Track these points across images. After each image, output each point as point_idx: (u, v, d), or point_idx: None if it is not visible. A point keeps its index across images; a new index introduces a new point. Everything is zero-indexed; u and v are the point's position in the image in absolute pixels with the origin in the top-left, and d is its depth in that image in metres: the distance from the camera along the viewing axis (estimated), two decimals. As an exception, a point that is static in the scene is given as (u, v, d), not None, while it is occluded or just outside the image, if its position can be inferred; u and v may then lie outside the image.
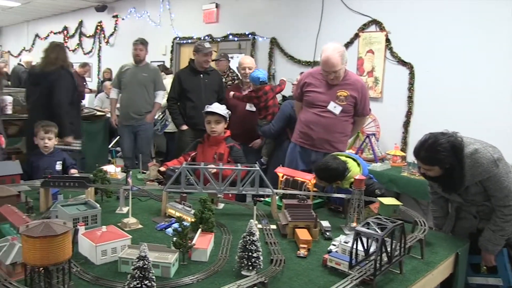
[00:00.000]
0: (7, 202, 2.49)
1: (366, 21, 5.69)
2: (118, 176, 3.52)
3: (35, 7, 12.65)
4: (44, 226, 1.67)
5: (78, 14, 12.82)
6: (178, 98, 5.30)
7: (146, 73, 6.06)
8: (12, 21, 16.72)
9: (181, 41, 8.85)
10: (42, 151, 3.87)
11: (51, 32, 14.26)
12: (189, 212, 2.65)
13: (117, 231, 2.29)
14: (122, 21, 10.80)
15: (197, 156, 3.83)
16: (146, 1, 9.82)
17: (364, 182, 2.71)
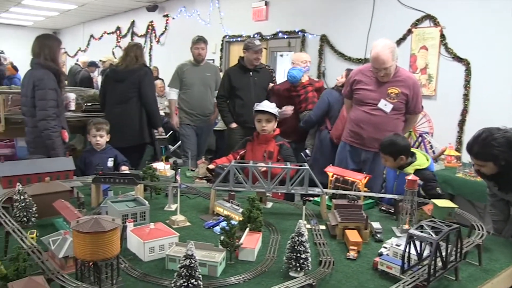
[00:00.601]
0: (60, 197, 2.56)
1: (420, 16, 5.50)
2: (167, 174, 3.56)
3: (90, 8, 13.09)
4: (93, 222, 1.70)
5: (130, 14, 13.15)
6: (227, 96, 5.31)
7: (209, 73, 5.89)
8: (69, 23, 17.39)
9: (230, 39, 8.88)
10: (94, 148, 3.98)
11: (104, 33, 14.72)
12: (237, 211, 2.64)
13: (165, 228, 2.31)
14: (172, 20, 10.98)
15: (246, 154, 3.83)
16: (196, 0, 9.94)
17: (417, 183, 2.61)
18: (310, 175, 2.78)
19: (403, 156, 3.20)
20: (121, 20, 13.68)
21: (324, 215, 2.84)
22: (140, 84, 5.00)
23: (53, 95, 3.97)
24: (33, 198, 2.41)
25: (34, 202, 2.39)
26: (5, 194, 2.60)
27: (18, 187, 2.37)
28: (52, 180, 2.82)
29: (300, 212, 2.61)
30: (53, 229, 2.44)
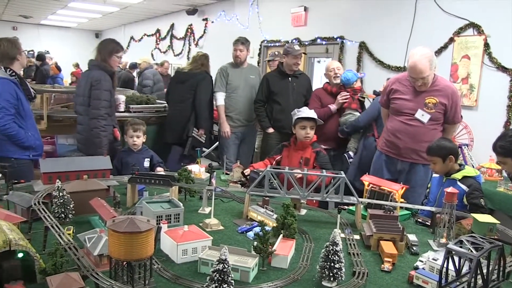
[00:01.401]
0: (97, 195, 2.60)
1: (463, 25, 5.36)
2: (202, 176, 3.58)
3: (131, 11, 13.38)
4: (129, 222, 1.71)
5: (170, 17, 13.37)
6: (265, 100, 5.31)
7: (253, 75, 5.74)
8: (111, 25, 17.85)
9: (268, 44, 8.89)
10: (131, 148, 4.04)
11: (144, 35, 15.02)
12: (271, 217, 2.62)
13: (198, 231, 2.31)
14: (211, 24, 11.09)
15: (282, 159, 3.81)
16: (235, 4, 10.00)
17: (456, 196, 2.53)
18: (345, 184, 2.74)
19: (451, 157, 3.17)
20: (161, 23, 13.92)
21: (358, 225, 2.79)
22: (197, 87, 5.46)
23: (107, 96, 4.24)
24: (71, 195, 2.46)
25: (72, 199, 2.44)
26: (45, 190, 2.66)
27: (58, 184, 2.42)
28: (90, 178, 2.88)
29: (334, 221, 2.57)
30: (88, 226, 2.49)
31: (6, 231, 1.87)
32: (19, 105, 3.71)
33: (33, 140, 3.78)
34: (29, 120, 3.82)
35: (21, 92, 3.74)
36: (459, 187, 3.05)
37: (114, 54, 4.38)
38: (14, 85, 3.70)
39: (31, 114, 3.89)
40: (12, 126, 3.63)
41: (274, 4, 8.79)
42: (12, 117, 3.64)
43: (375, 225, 2.52)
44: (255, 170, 3.42)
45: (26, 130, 3.75)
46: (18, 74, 3.80)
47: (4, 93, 3.61)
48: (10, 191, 2.80)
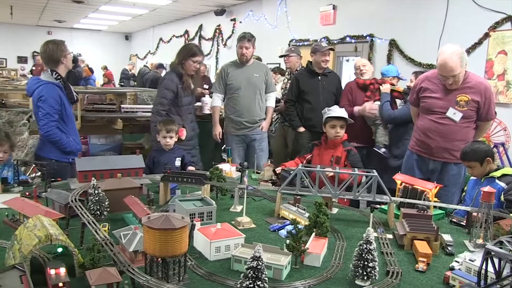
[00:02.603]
0: (131, 193, 2.64)
1: (499, 19, 5.24)
2: (233, 175, 3.60)
3: (160, 13, 13.56)
4: (164, 219, 1.74)
5: (198, 18, 13.48)
6: (295, 100, 5.27)
7: (257, 73, 5.24)
8: (140, 27, 18.13)
9: (297, 43, 8.87)
10: (163, 147, 4.09)
11: (173, 36, 15.20)
12: (303, 215, 2.62)
13: (231, 229, 2.33)
14: (239, 24, 11.14)
15: (313, 158, 3.80)
16: (263, 4, 10.01)
17: (493, 196, 2.47)
18: (378, 182, 2.71)
19: (489, 158, 3.13)
20: (189, 24, 14.06)
21: (391, 224, 2.76)
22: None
23: (167, 94, 4.51)
24: (105, 192, 2.51)
25: (107, 197, 2.49)
26: (81, 188, 2.72)
27: (93, 182, 2.48)
28: (123, 177, 2.93)
29: (366, 220, 2.55)
30: (123, 223, 2.54)
31: (47, 226, 1.92)
32: (63, 110, 3.79)
33: (74, 145, 3.89)
34: (70, 125, 3.92)
35: (64, 96, 3.82)
36: (497, 185, 2.99)
37: (190, 58, 4.58)
38: (59, 89, 3.78)
39: (73, 118, 3.98)
40: (55, 132, 3.73)
41: (302, 3, 8.76)
42: (56, 123, 3.73)
43: (408, 225, 2.48)
44: (286, 169, 3.42)
45: (68, 135, 3.85)
46: (63, 77, 3.85)
47: (49, 99, 3.68)
48: (49, 188, 2.89)
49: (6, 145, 3.46)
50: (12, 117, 5.50)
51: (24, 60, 19.40)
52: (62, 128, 3.80)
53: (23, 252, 1.83)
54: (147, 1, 11.56)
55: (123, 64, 16.51)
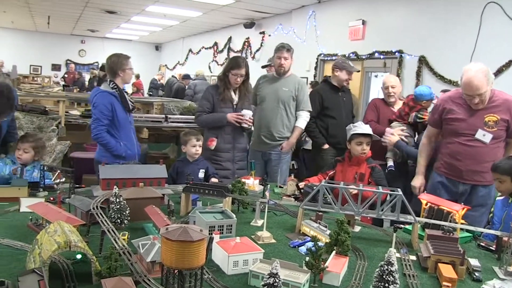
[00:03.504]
0: (152, 203, 2.65)
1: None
2: (256, 188, 3.57)
3: (190, 25, 13.75)
4: (182, 231, 1.72)
5: (227, 30, 13.61)
6: (317, 116, 5.16)
7: (286, 87, 4.92)
8: (170, 38, 18.43)
9: (325, 57, 8.85)
10: (188, 158, 4.10)
11: (202, 47, 15.37)
12: (324, 232, 2.57)
13: (250, 243, 2.30)
14: (268, 37, 11.19)
15: (335, 175, 3.75)
16: (293, 18, 10.04)
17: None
18: (402, 201, 2.65)
19: None
20: (218, 36, 14.19)
21: (415, 245, 2.68)
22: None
23: (204, 103, 4.53)
24: (127, 201, 2.52)
25: (128, 205, 2.49)
26: (103, 195, 2.74)
27: (115, 190, 2.49)
28: (146, 186, 2.93)
29: (389, 239, 2.48)
30: (142, 233, 2.54)
31: (67, 233, 1.94)
32: (114, 116, 4.06)
33: (124, 150, 4.12)
34: (123, 131, 4.16)
35: (119, 104, 4.10)
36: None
37: (231, 71, 4.46)
38: (114, 97, 4.07)
39: (126, 125, 4.21)
40: (104, 135, 4.02)
41: (331, 18, 8.75)
42: (105, 127, 4.02)
43: (433, 246, 2.41)
44: (309, 184, 3.38)
45: (119, 140, 4.11)
46: (119, 88, 4.15)
47: (100, 105, 4.01)
48: (72, 194, 2.92)
49: (28, 145, 3.54)
50: (43, 123, 5.63)
51: (58, 68, 19.92)
52: (113, 133, 4.10)
53: (42, 257, 1.84)
54: (177, 13, 11.74)
55: (152, 74, 16.80)
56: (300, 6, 9.64)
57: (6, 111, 3.39)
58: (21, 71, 16.44)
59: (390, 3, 7.38)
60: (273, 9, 10.41)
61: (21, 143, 3.53)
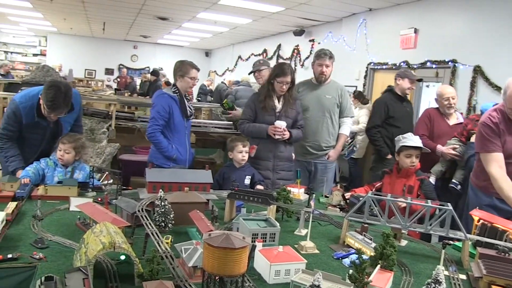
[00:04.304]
0: (196, 208, 2.66)
1: None
2: (301, 197, 3.53)
3: (240, 31, 13.87)
4: (224, 238, 1.71)
5: (277, 37, 13.63)
6: (381, 125, 5.07)
7: (330, 95, 4.79)
8: (220, 44, 18.65)
9: (375, 66, 8.69)
10: (235, 164, 4.10)
11: (252, 54, 15.46)
12: (369, 245, 2.50)
13: (293, 252, 2.26)
14: (318, 45, 11.11)
15: (383, 186, 3.66)
16: (343, 26, 9.94)
17: None
18: (452, 217, 2.53)
19: None
20: (268, 43, 14.24)
21: (465, 264, 2.56)
22: None
23: (246, 111, 4.53)
24: (172, 205, 2.54)
25: (173, 209, 2.52)
26: (149, 198, 2.78)
27: (160, 193, 2.52)
28: (191, 191, 2.96)
29: (437, 256, 2.38)
30: (186, 237, 2.55)
31: (112, 234, 1.97)
32: (171, 119, 4.16)
33: (175, 152, 4.19)
34: (177, 135, 4.25)
35: (177, 108, 4.20)
36: None
37: (276, 78, 4.31)
38: (173, 101, 4.18)
39: (182, 129, 4.29)
40: (157, 135, 4.12)
41: (383, 26, 8.60)
42: (159, 127, 4.13)
43: (485, 267, 2.28)
44: (355, 195, 3.31)
45: (171, 142, 4.20)
46: (180, 93, 4.25)
47: (158, 106, 4.14)
48: (119, 196, 2.98)
49: (69, 146, 3.55)
50: (94, 125, 5.81)
51: (111, 72, 20.57)
52: (167, 135, 4.20)
53: (88, 256, 1.88)
54: (228, 20, 11.86)
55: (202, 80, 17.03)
56: (351, 14, 9.53)
57: (61, 107, 3.45)
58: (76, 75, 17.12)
59: (444, 11, 7.16)
60: (323, 17, 10.34)
61: (62, 144, 3.55)
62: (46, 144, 3.77)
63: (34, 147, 3.72)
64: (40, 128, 3.65)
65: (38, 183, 3.41)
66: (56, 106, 3.41)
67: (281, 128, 4.25)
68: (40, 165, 3.52)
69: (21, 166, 3.53)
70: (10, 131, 3.60)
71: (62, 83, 3.53)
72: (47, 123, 3.63)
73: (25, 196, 3.02)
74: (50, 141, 3.76)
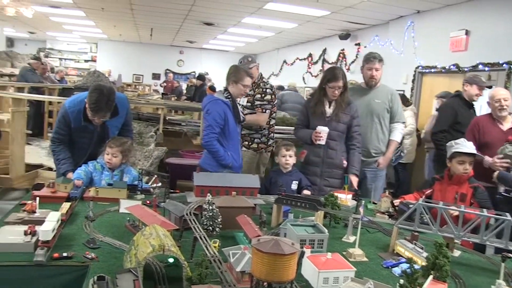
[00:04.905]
0: (243, 212, 2.65)
1: None
2: (348, 203, 3.47)
3: (285, 36, 13.87)
4: (273, 243, 1.69)
5: (322, 42, 13.54)
6: (447, 130, 4.95)
7: (379, 99, 4.62)
8: (265, 49, 18.71)
9: (423, 70, 8.47)
10: (282, 169, 4.08)
11: (296, 59, 15.42)
12: (420, 254, 2.42)
13: (342, 260, 2.22)
14: (364, 48, 10.96)
15: (433, 194, 3.54)
16: (390, 29, 9.76)
17: None
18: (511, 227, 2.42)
19: None
20: (313, 47, 14.16)
21: (526, 278, 2.43)
22: None
23: (300, 116, 4.49)
24: (219, 209, 2.54)
25: (220, 213, 2.52)
26: (197, 202, 2.80)
27: (208, 197, 2.53)
28: (238, 195, 2.96)
29: (495, 268, 2.28)
30: (233, 241, 2.55)
31: (162, 237, 2.00)
32: (226, 126, 4.06)
33: (231, 160, 4.09)
34: (231, 141, 4.15)
35: (231, 113, 4.11)
36: None
37: (328, 83, 4.18)
38: (226, 106, 4.09)
39: (235, 136, 4.21)
40: (214, 143, 4.01)
41: (431, 28, 8.37)
42: (216, 135, 4.02)
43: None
44: (404, 202, 3.22)
45: (226, 149, 4.09)
46: (233, 98, 4.16)
47: (213, 113, 4.01)
48: (167, 199, 3.02)
49: (116, 149, 3.59)
50: (142, 129, 5.94)
51: (157, 77, 21.02)
52: (222, 142, 4.08)
53: (138, 258, 1.91)
54: (273, 24, 11.89)
55: (246, 84, 17.11)
56: (398, 16, 9.34)
57: (103, 110, 3.50)
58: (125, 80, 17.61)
59: (496, 11, 6.89)
60: (370, 20, 10.19)
61: (109, 148, 3.60)
62: (93, 148, 3.85)
63: (83, 150, 3.81)
64: (88, 132, 3.74)
65: (87, 185, 3.51)
66: (98, 109, 3.47)
67: (320, 134, 4.16)
68: (88, 168, 3.61)
69: (71, 168, 3.63)
70: (61, 135, 3.72)
71: (105, 87, 3.59)
72: (94, 127, 3.71)
73: (78, 197, 3.12)
74: (97, 145, 3.83)
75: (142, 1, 10.36)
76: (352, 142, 4.30)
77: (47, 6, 12.01)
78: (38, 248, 2.15)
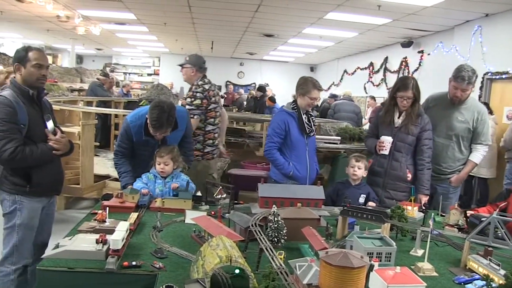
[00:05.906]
0: (308, 224, 2.64)
1: None
2: (415, 215, 3.37)
3: (345, 45, 13.76)
4: (342, 256, 1.68)
5: (383, 50, 13.30)
6: None
7: (462, 117, 4.24)
8: (325, 59, 18.65)
9: (493, 76, 8.10)
10: (350, 181, 4.02)
11: (357, 68, 15.24)
12: (497, 271, 2.30)
13: (411, 274, 2.15)
14: (427, 56, 10.67)
15: (508, 207, 3.36)
16: (455, 35, 9.43)
17: None
18: None
19: None
20: (374, 56, 13.95)
21: None
22: None
23: (370, 126, 4.55)
24: (284, 221, 2.55)
25: (285, 225, 2.52)
26: (262, 213, 2.82)
27: (273, 209, 2.54)
28: (303, 206, 2.95)
29: None
30: (298, 253, 2.54)
31: (229, 248, 2.03)
32: (288, 136, 4.14)
33: (291, 170, 4.13)
34: (294, 151, 4.19)
35: (295, 124, 4.17)
36: None
37: (397, 93, 4.06)
38: (291, 117, 4.17)
39: (300, 147, 4.20)
40: (273, 152, 4.13)
41: (501, 32, 8.00)
42: (274, 144, 4.13)
43: None
44: (475, 215, 3.08)
45: (288, 159, 4.16)
46: (299, 109, 4.20)
47: (274, 123, 4.18)
48: (232, 210, 3.06)
49: (167, 157, 3.61)
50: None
51: (219, 88, 21.44)
52: (285, 151, 4.17)
53: (205, 268, 1.95)
54: (333, 34, 11.82)
55: (308, 95, 17.10)
56: (464, 21, 9.00)
57: (164, 126, 3.56)
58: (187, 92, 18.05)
59: None
60: (433, 27, 9.90)
61: (159, 157, 3.62)
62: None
63: (144, 163, 3.89)
64: (149, 145, 3.82)
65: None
66: (159, 125, 3.55)
67: (383, 143, 4.07)
68: (143, 181, 3.65)
69: (131, 182, 3.70)
70: (123, 148, 3.83)
71: (165, 103, 3.64)
72: (155, 141, 3.79)
73: (146, 204, 3.22)
74: None
75: (203, 15, 10.64)
76: (421, 156, 4.07)
77: (113, 24, 12.65)
78: (109, 256, 2.24)
